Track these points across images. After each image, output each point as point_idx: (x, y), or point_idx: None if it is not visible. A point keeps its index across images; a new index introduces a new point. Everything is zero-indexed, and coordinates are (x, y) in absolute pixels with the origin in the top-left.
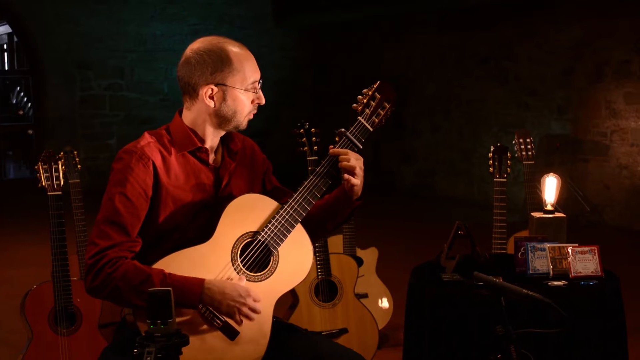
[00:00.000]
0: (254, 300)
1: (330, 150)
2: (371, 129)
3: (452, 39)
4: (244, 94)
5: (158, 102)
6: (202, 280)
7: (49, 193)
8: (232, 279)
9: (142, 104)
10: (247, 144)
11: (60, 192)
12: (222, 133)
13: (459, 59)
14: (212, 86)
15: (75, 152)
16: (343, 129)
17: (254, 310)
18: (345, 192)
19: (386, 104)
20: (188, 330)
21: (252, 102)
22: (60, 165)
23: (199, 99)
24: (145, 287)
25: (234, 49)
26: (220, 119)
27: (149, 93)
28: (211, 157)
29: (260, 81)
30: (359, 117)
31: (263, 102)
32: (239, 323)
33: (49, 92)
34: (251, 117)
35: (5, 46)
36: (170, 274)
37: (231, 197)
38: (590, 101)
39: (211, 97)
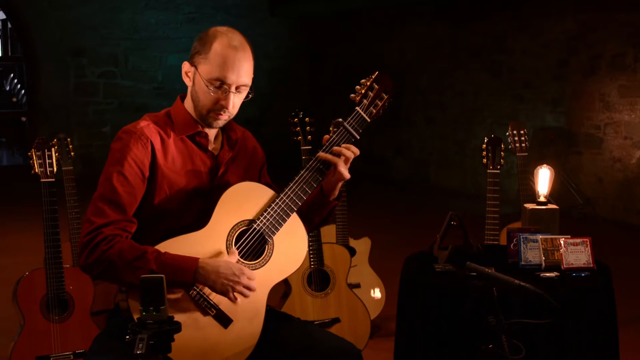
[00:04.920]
0: (248, 278)
1: (334, 149)
2: (369, 120)
3: (446, 31)
4: (205, 85)
5: (152, 90)
6: (196, 259)
7: (42, 180)
8: (223, 254)
9: (136, 91)
10: (247, 135)
11: (53, 179)
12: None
13: (453, 50)
14: (189, 64)
15: (68, 140)
16: (340, 119)
17: (248, 288)
18: (322, 193)
19: (384, 95)
20: (182, 318)
21: (217, 102)
22: (53, 153)
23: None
24: (140, 263)
25: (224, 41)
26: (194, 102)
27: (143, 81)
28: (210, 143)
29: (238, 88)
30: (356, 108)
31: (229, 107)
32: (233, 300)
33: (42, 79)
34: (218, 119)
35: None
36: (165, 252)
37: (227, 185)
38: (584, 94)
39: (187, 75)
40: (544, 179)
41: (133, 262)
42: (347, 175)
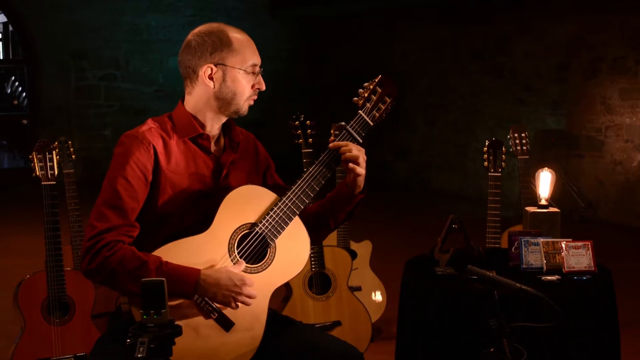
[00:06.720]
0: (249, 286)
1: (331, 144)
2: (372, 123)
3: (447, 33)
4: (243, 75)
5: (153, 93)
6: (197, 271)
7: (43, 183)
8: (225, 257)
9: (137, 94)
10: (250, 138)
11: (54, 182)
12: (223, 119)
13: (454, 53)
14: (212, 65)
15: (69, 142)
16: (343, 123)
17: (249, 297)
18: (347, 187)
19: (387, 99)
20: (183, 321)
21: (253, 87)
22: (54, 155)
23: (199, 80)
24: (141, 273)
25: (235, 32)
26: (220, 101)
27: (144, 84)
28: (212, 145)
29: (261, 68)
30: (359, 111)
31: (263, 87)
32: (235, 309)
33: (43, 82)
34: (251, 102)
35: (0, 35)
36: (166, 262)
37: (230, 188)
38: (585, 97)
39: (211, 78)
40: (545, 182)
41: (134, 271)
42: (362, 172)
